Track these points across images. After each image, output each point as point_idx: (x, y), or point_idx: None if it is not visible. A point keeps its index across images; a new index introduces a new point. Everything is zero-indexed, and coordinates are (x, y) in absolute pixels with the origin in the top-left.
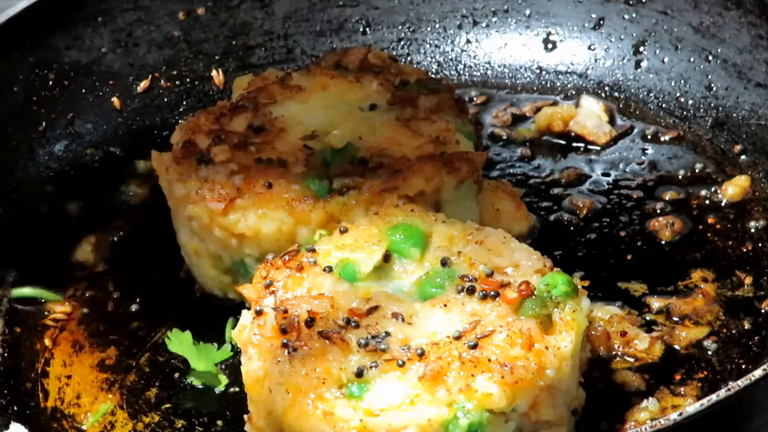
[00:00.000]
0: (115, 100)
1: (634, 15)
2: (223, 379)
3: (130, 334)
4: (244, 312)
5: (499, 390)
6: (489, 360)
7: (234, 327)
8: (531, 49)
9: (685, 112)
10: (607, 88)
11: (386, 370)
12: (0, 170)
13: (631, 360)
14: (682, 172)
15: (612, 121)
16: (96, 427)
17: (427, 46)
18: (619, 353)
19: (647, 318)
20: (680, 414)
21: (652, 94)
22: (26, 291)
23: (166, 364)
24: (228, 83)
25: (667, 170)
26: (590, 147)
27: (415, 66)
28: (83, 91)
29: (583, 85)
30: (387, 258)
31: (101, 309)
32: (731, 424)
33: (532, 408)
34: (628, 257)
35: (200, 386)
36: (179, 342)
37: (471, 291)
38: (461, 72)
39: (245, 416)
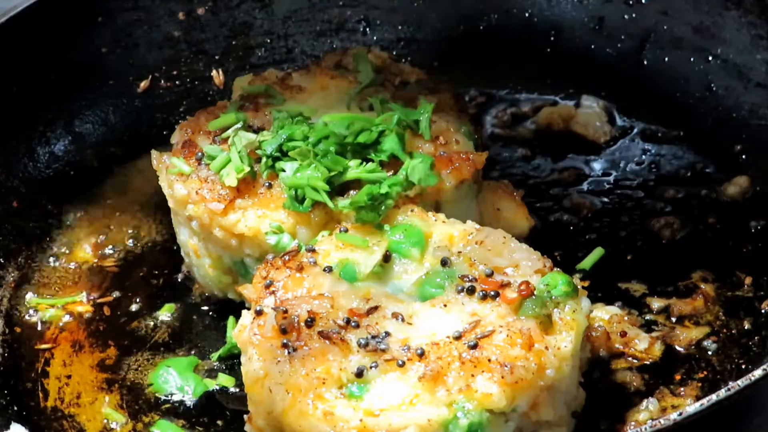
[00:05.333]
0: (115, 100)
1: (634, 15)
2: (225, 379)
3: (130, 334)
4: (244, 312)
5: (499, 390)
6: (489, 360)
7: (234, 327)
8: (531, 48)
9: (685, 112)
10: (607, 88)
11: (386, 370)
12: (0, 170)
13: (631, 360)
14: (682, 172)
15: (612, 121)
16: (96, 427)
17: (427, 46)
18: (619, 353)
19: (647, 318)
20: (680, 414)
21: (652, 94)
22: (35, 300)
23: None
24: (228, 83)
25: (667, 170)
26: (590, 147)
27: (415, 66)
28: (83, 91)
29: (583, 85)
30: (387, 258)
31: (101, 309)
32: (731, 424)
33: (532, 408)
34: (628, 257)
35: (200, 387)
36: (164, 382)
37: (471, 291)
38: (461, 72)
39: (245, 416)
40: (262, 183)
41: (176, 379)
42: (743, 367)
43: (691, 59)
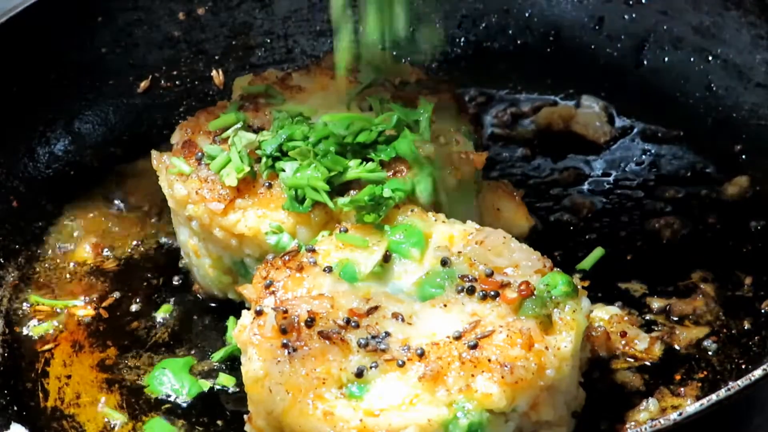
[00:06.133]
0: (115, 100)
1: (634, 15)
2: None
3: (130, 334)
4: (244, 312)
5: (499, 390)
6: (489, 360)
7: (234, 327)
8: (531, 48)
9: (685, 112)
10: (607, 88)
11: (386, 370)
12: (0, 170)
13: (631, 360)
14: (682, 172)
15: (612, 121)
16: (96, 427)
17: (426, 46)
18: (619, 353)
19: (647, 318)
20: (680, 414)
21: (652, 94)
22: (35, 300)
23: None
24: (228, 83)
25: (667, 170)
26: (590, 147)
27: (415, 66)
28: (83, 91)
29: (583, 85)
30: (387, 258)
31: (101, 309)
32: (731, 424)
33: (532, 408)
34: (628, 257)
35: (195, 387)
36: (159, 384)
37: (471, 291)
38: (461, 72)
39: (245, 416)
40: (262, 183)
41: (171, 380)
42: (743, 367)
43: (691, 59)
